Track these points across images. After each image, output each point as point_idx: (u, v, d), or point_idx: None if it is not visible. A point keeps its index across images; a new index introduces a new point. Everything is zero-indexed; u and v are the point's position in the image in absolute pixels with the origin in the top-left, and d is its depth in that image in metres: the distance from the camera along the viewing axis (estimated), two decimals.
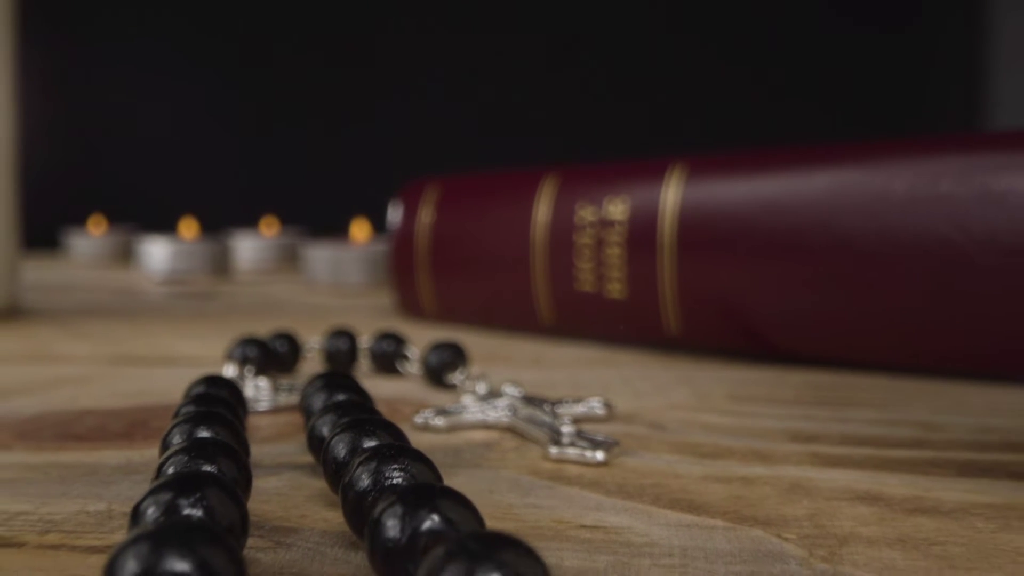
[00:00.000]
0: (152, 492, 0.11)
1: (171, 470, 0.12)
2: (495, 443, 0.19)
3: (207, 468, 0.12)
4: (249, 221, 0.86)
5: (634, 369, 0.28)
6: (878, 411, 0.22)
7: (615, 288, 0.32)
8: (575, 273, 0.33)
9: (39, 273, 0.66)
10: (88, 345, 0.33)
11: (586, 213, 0.33)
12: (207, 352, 0.31)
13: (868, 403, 0.23)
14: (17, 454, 0.18)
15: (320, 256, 0.55)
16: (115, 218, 0.91)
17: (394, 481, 0.12)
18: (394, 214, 0.40)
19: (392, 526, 0.11)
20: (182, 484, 0.11)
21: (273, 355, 0.26)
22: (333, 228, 0.74)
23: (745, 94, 0.86)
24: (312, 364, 0.28)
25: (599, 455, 0.17)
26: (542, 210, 0.34)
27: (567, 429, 0.18)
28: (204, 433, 0.14)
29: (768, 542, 0.13)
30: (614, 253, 0.32)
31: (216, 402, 0.16)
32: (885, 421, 0.21)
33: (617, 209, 0.32)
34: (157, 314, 0.44)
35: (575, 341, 0.34)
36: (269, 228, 0.79)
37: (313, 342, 0.28)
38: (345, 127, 1.05)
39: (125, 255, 0.79)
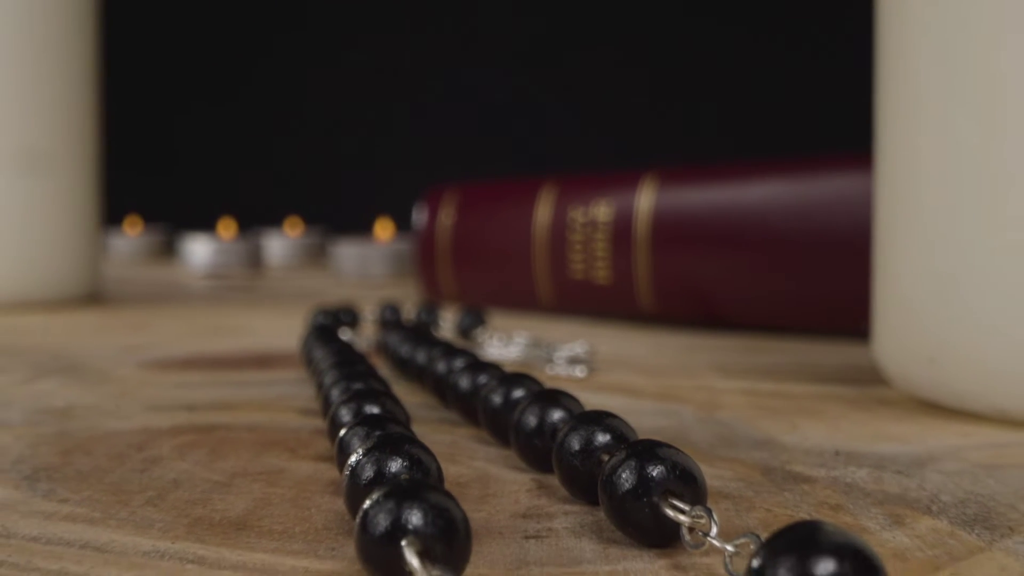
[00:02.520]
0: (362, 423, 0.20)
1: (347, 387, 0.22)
2: None
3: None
4: (272, 221, 0.96)
5: (614, 335, 0.38)
6: (783, 355, 0.32)
7: (601, 275, 0.42)
8: (568, 263, 0.43)
9: None
10: (177, 321, 0.43)
11: (577, 215, 0.43)
12: (275, 325, 0.41)
13: (779, 352, 0.33)
14: (192, 375, 0.28)
15: (348, 253, 0.65)
16: (148, 219, 1.01)
17: (461, 363, 0.22)
18: (418, 215, 0.50)
19: (464, 382, 0.20)
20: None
21: (340, 321, 0.36)
22: (351, 228, 0.84)
23: (713, 111, 0.98)
24: (368, 328, 0.37)
25: (578, 372, 0.27)
26: (541, 212, 0.44)
27: (559, 358, 0.28)
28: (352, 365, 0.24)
29: (675, 407, 0.23)
30: (600, 247, 0.42)
31: (336, 335, 0.26)
32: (784, 360, 0.31)
33: (602, 212, 0.42)
34: (215, 300, 0.53)
35: (569, 318, 0.44)
36: (293, 228, 0.89)
37: (367, 312, 0.37)
38: (358, 135, 1.14)
39: (160, 253, 0.89)
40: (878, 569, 0.10)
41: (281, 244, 0.80)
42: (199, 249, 0.70)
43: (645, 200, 0.41)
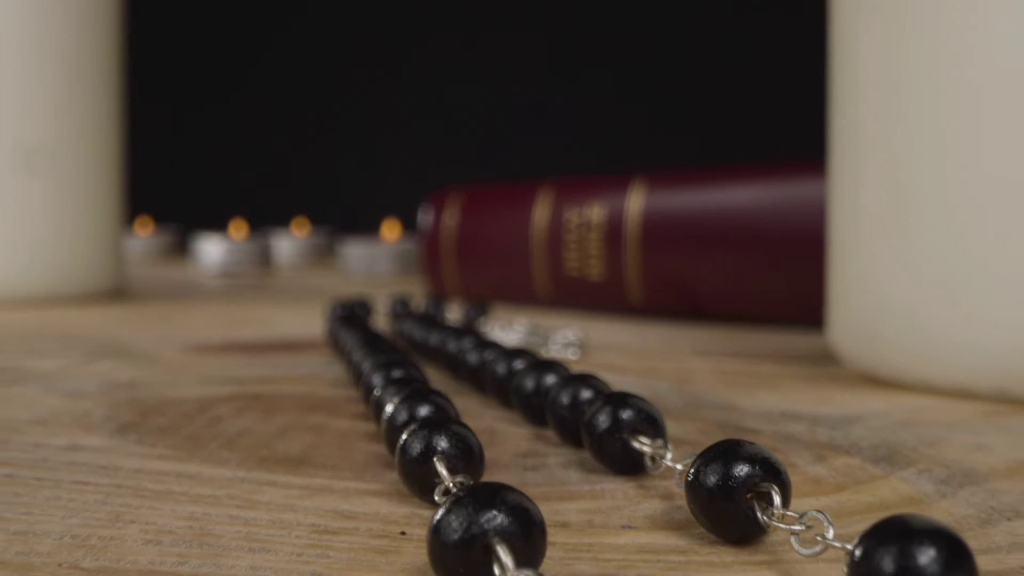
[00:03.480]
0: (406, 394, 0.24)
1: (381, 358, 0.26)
2: None
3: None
4: (279, 222, 1.00)
5: (605, 326, 0.42)
6: (756, 342, 0.36)
7: (594, 272, 0.46)
8: (564, 261, 0.47)
9: None
10: (201, 315, 0.47)
11: (572, 216, 0.47)
12: (292, 318, 0.45)
13: (753, 339, 0.37)
14: (229, 358, 0.32)
15: (356, 252, 0.68)
16: (157, 219, 1.05)
17: (470, 342, 0.26)
18: (424, 216, 0.54)
19: (472, 357, 0.24)
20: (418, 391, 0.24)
21: (355, 312, 0.39)
22: (355, 228, 0.88)
23: (698, 118, 1.03)
24: (382, 318, 0.41)
25: (571, 354, 0.31)
26: (539, 213, 0.48)
27: (554, 343, 0.32)
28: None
29: (654, 381, 0.27)
30: (593, 246, 0.46)
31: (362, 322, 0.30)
32: (755, 345, 0.35)
33: (595, 213, 0.46)
34: (232, 297, 0.57)
35: (565, 311, 0.48)
36: (300, 229, 0.93)
37: (380, 305, 0.41)
38: (362, 139, 1.18)
39: (170, 253, 0.92)
40: (781, 472, 0.14)
41: (289, 244, 0.84)
42: (211, 249, 0.74)
43: (635, 202, 0.45)
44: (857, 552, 0.11)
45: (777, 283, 0.40)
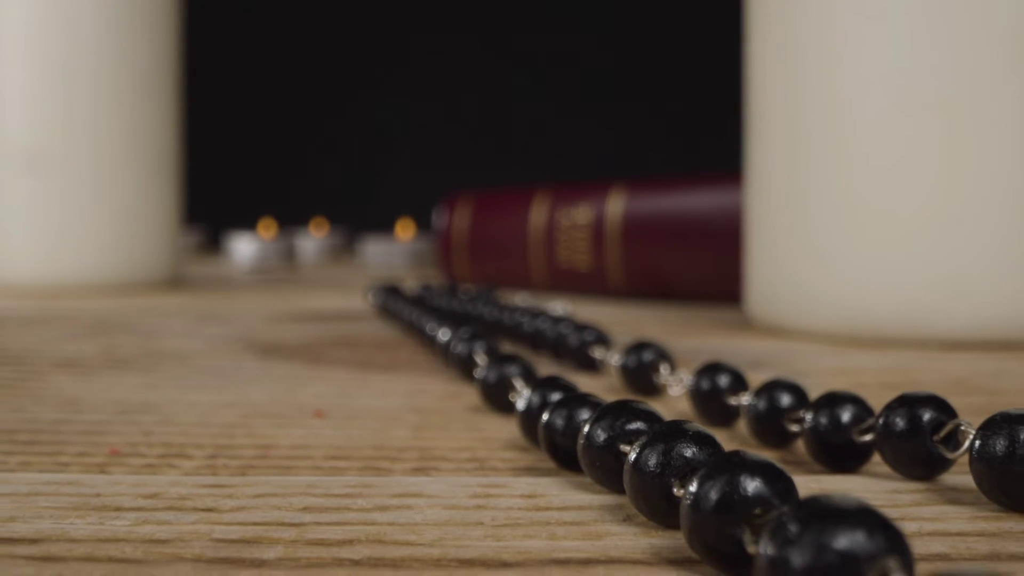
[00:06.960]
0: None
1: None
2: None
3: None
4: (297, 222, 1.12)
5: (590, 305, 0.55)
6: (705, 313, 0.48)
7: (581, 263, 0.58)
8: (557, 254, 0.59)
9: None
10: (260, 299, 0.59)
11: (562, 216, 0.59)
12: (333, 300, 0.57)
13: (704, 312, 0.49)
14: (304, 324, 0.44)
15: (374, 250, 0.81)
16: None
17: (484, 304, 0.38)
18: (438, 217, 0.66)
19: (488, 313, 0.37)
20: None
21: (389, 292, 0.52)
22: (366, 227, 1.00)
23: (676, 129, 1.16)
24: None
25: None
26: (536, 214, 0.60)
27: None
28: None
29: (614, 334, 0.39)
30: (581, 242, 0.58)
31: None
32: (703, 316, 0.47)
33: (581, 214, 0.58)
34: (273, 288, 0.70)
35: (558, 295, 0.60)
36: (318, 229, 1.05)
37: (408, 288, 0.53)
38: (368, 146, 1.31)
39: (197, 252, 1.05)
40: (668, 355, 0.26)
41: (312, 243, 0.96)
42: (243, 247, 0.86)
43: (614, 205, 0.57)
44: (692, 382, 0.23)
45: (732, 269, 0.53)
